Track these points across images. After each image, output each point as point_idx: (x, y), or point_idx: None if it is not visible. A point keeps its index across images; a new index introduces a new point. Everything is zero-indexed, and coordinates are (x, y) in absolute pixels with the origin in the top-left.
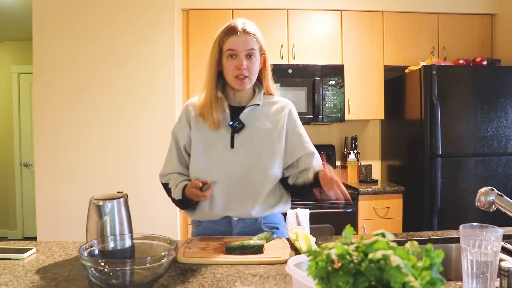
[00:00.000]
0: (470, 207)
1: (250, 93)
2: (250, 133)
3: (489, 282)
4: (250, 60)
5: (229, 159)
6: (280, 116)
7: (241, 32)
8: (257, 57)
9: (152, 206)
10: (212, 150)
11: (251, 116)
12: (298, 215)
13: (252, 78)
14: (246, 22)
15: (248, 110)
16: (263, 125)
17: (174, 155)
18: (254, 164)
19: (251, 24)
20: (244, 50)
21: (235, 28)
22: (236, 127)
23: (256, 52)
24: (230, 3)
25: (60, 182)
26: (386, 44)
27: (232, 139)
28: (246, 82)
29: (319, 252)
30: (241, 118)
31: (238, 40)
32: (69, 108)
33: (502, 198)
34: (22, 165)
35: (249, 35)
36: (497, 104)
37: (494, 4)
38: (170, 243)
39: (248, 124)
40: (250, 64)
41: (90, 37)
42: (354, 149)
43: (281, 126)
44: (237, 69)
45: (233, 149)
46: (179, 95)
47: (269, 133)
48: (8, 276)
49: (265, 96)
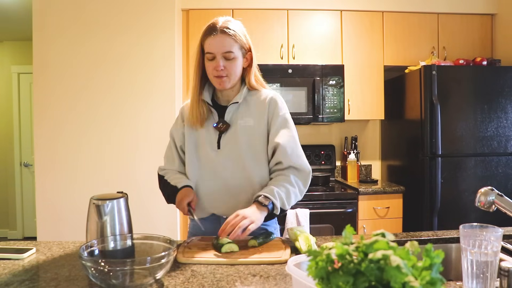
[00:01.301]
0: (470, 207)
1: (236, 91)
2: (234, 132)
3: (489, 282)
4: (229, 61)
5: (215, 160)
6: (263, 110)
7: (218, 33)
8: (237, 57)
9: (152, 206)
10: (201, 150)
11: (235, 115)
12: (298, 215)
13: (231, 77)
14: (227, 21)
15: (231, 109)
16: (245, 123)
17: (175, 155)
18: (237, 165)
19: (233, 23)
20: (221, 52)
21: (213, 29)
22: (221, 128)
23: (234, 53)
24: (230, 3)
25: (60, 182)
26: (386, 44)
27: (218, 140)
28: (225, 81)
29: (319, 252)
30: (226, 117)
31: (215, 41)
32: (69, 108)
33: (502, 198)
34: (22, 165)
35: (227, 35)
36: (497, 104)
37: (494, 4)
38: (170, 243)
39: (232, 123)
40: (228, 64)
41: (90, 37)
42: (354, 149)
43: (263, 121)
44: (215, 70)
45: (219, 150)
46: (179, 95)
47: (251, 130)
48: (8, 276)
49: (250, 92)
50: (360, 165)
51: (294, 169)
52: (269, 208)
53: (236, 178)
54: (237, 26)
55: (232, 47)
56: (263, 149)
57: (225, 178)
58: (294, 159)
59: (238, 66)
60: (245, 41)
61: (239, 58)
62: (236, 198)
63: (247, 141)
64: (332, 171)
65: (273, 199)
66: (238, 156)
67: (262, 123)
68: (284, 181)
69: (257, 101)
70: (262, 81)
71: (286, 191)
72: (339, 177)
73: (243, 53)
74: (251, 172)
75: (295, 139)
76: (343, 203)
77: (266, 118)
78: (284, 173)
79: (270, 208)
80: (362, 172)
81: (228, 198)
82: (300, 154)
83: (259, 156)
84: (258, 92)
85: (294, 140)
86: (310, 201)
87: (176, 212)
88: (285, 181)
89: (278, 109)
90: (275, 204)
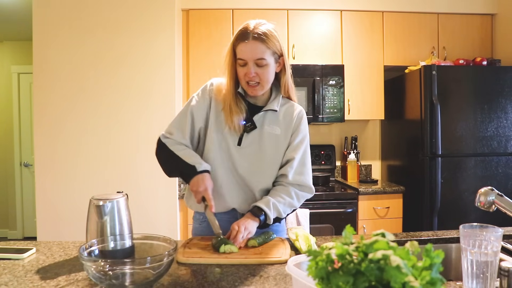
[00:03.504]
0: (470, 207)
1: (267, 94)
2: (259, 135)
3: (489, 282)
4: (261, 68)
5: (234, 156)
6: (290, 123)
7: (250, 39)
8: (269, 63)
9: (152, 206)
10: (224, 142)
11: (264, 119)
12: (298, 215)
13: (264, 84)
14: (259, 24)
15: (263, 113)
16: (273, 130)
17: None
18: (252, 166)
19: (265, 27)
20: (253, 59)
21: (245, 34)
22: (248, 127)
23: (266, 60)
24: (230, 3)
25: (60, 182)
26: (386, 44)
27: (240, 137)
28: (258, 89)
29: (319, 252)
30: (254, 119)
31: (246, 48)
32: (69, 108)
33: (502, 198)
34: (22, 165)
35: (260, 41)
36: (497, 104)
37: (494, 4)
38: (170, 243)
39: (259, 126)
40: (260, 71)
41: (90, 37)
42: (354, 149)
43: (288, 133)
44: (247, 77)
45: (239, 147)
46: (179, 95)
47: (277, 139)
48: (8, 276)
49: (282, 99)
50: (360, 165)
51: (297, 185)
52: (261, 219)
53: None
54: (270, 30)
55: (264, 54)
56: (281, 159)
57: (242, 176)
58: (301, 177)
59: (271, 72)
60: (278, 46)
61: (271, 65)
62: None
63: (270, 147)
64: (332, 171)
65: (267, 210)
66: (257, 158)
67: (287, 135)
68: (282, 192)
69: (286, 112)
70: (294, 90)
71: (283, 202)
72: (339, 177)
73: (275, 59)
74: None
75: (308, 159)
76: (343, 203)
77: (291, 131)
78: (285, 186)
79: (262, 220)
80: (362, 172)
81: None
82: (307, 173)
83: (276, 164)
84: (289, 102)
85: (307, 160)
86: (310, 201)
87: (176, 212)
88: (283, 192)
89: (304, 126)
90: (268, 215)
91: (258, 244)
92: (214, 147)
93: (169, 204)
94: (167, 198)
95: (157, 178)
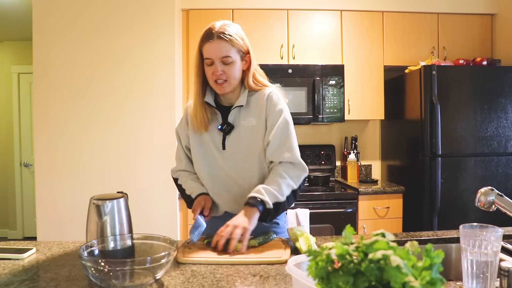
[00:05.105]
0: (470, 207)
1: (238, 93)
2: (238, 133)
3: (489, 282)
4: (227, 65)
5: (221, 160)
6: (261, 109)
7: (214, 39)
8: (235, 61)
9: (152, 206)
10: (207, 151)
11: (238, 116)
12: (298, 215)
13: (231, 81)
14: (224, 25)
15: (234, 111)
16: (248, 123)
17: (182, 154)
18: (240, 165)
19: (230, 27)
20: (218, 57)
21: (210, 34)
22: (226, 129)
23: (232, 57)
24: (230, 3)
25: (60, 182)
26: (386, 44)
27: (223, 141)
28: (226, 86)
29: (319, 252)
30: (229, 119)
31: (212, 47)
32: (69, 108)
33: (502, 198)
34: (22, 165)
35: (224, 40)
36: (497, 104)
37: (494, 4)
38: (170, 243)
39: (236, 125)
40: (227, 69)
41: (90, 37)
42: (354, 149)
43: (263, 120)
44: (214, 75)
45: (224, 151)
46: (179, 95)
47: (254, 130)
48: (8, 276)
49: (250, 92)
50: (360, 165)
51: (285, 163)
52: (259, 208)
53: (242, 178)
54: (234, 29)
55: (230, 52)
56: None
57: (233, 177)
58: (284, 154)
59: (237, 69)
60: (243, 44)
61: (237, 62)
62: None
63: (251, 141)
64: (332, 171)
65: (260, 196)
66: (242, 156)
67: (261, 122)
68: (273, 175)
69: (257, 100)
70: (263, 81)
71: (276, 183)
72: (339, 177)
73: (241, 56)
74: (256, 171)
75: (290, 136)
76: (343, 203)
77: (265, 116)
78: (273, 168)
79: (261, 208)
80: (362, 172)
81: (236, 196)
82: (290, 150)
83: (261, 155)
84: (259, 91)
85: (289, 137)
86: (310, 201)
87: (176, 212)
88: (273, 175)
89: (273, 105)
90: (264, 200)
91: (258, 244)
92: (199, 159)
93: (169, 204)
94: (167, 198)
95: (157, 178)
